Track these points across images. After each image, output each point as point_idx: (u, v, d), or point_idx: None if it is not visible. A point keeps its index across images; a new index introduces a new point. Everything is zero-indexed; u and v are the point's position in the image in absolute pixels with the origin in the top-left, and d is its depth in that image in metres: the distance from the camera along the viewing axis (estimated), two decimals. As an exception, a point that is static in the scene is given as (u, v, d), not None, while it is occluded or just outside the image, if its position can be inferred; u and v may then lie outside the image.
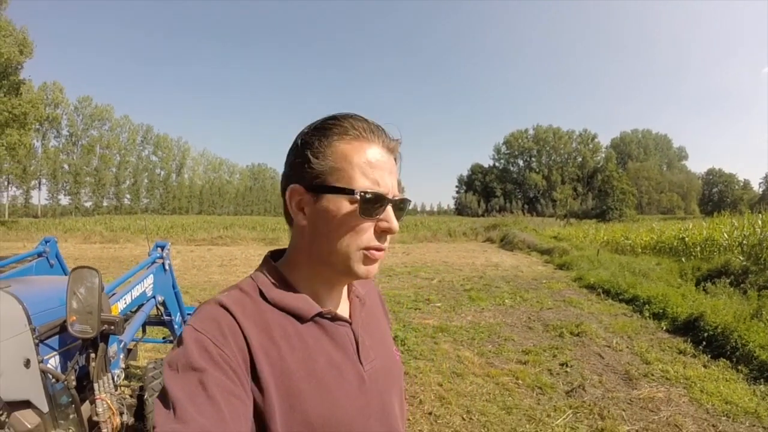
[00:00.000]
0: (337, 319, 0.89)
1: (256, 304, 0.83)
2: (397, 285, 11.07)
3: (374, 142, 0.84)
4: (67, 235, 27.15)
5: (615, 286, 9.37)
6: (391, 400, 0.95)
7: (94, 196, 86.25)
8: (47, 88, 70.87)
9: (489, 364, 5.46)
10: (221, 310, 0.79)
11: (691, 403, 4.40)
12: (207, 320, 0.78)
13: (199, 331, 0.76)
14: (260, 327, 0.80)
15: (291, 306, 0.84)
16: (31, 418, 2.40)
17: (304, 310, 0.85)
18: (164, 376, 0.74)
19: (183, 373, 0.72)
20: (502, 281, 11.30)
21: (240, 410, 0.71)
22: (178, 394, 0.69)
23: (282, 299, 0.84)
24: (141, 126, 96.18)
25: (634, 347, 5.99)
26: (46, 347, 2.55)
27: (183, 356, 0.73)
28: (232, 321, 0.78)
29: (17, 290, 2.51)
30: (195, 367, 0.72)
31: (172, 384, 0.71)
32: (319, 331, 0.86)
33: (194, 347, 0.74)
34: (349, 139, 0.83)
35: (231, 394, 0.71)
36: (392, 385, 0.97)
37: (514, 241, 21.00)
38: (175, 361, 0.74)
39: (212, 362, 0.72)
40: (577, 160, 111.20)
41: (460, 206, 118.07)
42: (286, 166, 0.86)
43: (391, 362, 1.00)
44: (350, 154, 0.82)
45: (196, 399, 0.69)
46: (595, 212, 69.40)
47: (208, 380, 0.70)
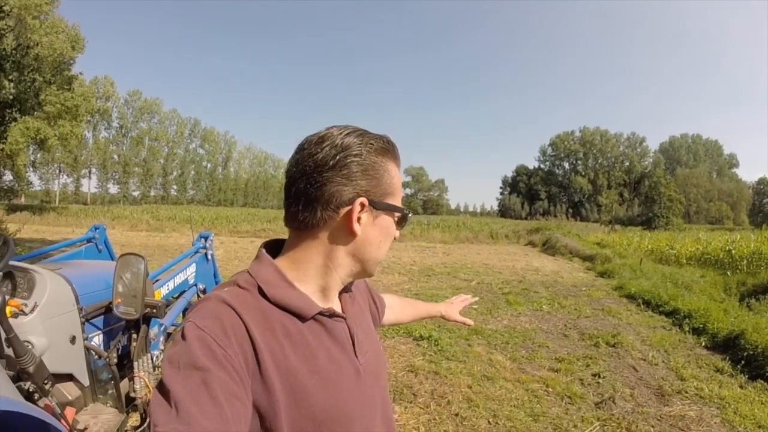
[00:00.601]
0: (334, 315, 0.93)
1: (257, 301, 0.85)
2: (435, 285, 11.04)
3: (399, 166, 0.96)
4: (115, 222, 28.00)
5: (656, 298, 9.13)
6: (382, 389, 1.03)
7: (141, 186, 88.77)
8: (98, 82, 72.99)
9: (520, 370, 5.44)
10: (224, 307, 0.81)
11: (723, 425, 4.27)
12: (210, 318, 0.79)
13: (202, 329, 0.76)
14: (263, 325, 0.82)
15: (292, 305, 0.87)
16: (72, 391, 2.57)
17: (305, 309, 0.88)
18: (164, 372, 0.74)
19: (185, 371, 0.72)
20: (541, 286, 11.17)
21: (241, 412, 0.73)
22: (180, 393, 0.70)
23: (284, 299, 0.87)
24: (189, 119, 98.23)
25: (670, 362, 5.86)
26: (91, 326, 2.74)
27: (186, 354, 0.74)
28: (236, 319, 0.80)
29: (67, 272, 2.67)
30: (198, 366, 0.72)
31: (174, 382, 0.71)
32: (319, 328, 0.90)
33: (197, 345, 0.74)
34: (395, 162, 0.95)
35: (233, 396, 0.72)
36: (381, 375, 1.05)
37: (557, 245, 20.64)
38: (177, 358, 0.74)
39: (216, 362, 0.73)
40: (624, 165, 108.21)
41: (504, 208, 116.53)
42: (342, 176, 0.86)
43: (380, 353, 1.08)
44: (396, 177, 0.94)
45: (199, 399, 0.69)
46: (641, 219, 67.66)
47: (212, 380, 0.71)
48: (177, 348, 0.76)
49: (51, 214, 32.64)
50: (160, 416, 0.68)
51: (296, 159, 0.90)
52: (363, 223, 0.89)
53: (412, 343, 6.30)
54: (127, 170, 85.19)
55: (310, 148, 0.88)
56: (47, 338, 2.33)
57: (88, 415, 2.60)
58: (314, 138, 0.89)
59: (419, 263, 15.25)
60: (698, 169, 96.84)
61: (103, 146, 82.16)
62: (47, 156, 56.17)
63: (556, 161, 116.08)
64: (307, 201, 0.87)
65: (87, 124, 56.75)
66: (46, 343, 2.31)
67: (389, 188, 0.92)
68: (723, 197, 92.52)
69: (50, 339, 2.35)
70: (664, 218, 61.23)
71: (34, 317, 2.30)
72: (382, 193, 0.91)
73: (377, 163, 0.89)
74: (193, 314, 0.80)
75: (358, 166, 0.87)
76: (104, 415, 2.63)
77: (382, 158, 0.91)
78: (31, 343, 2.23)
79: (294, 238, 0.93)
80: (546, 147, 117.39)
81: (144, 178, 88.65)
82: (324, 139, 0.88)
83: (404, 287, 10.64)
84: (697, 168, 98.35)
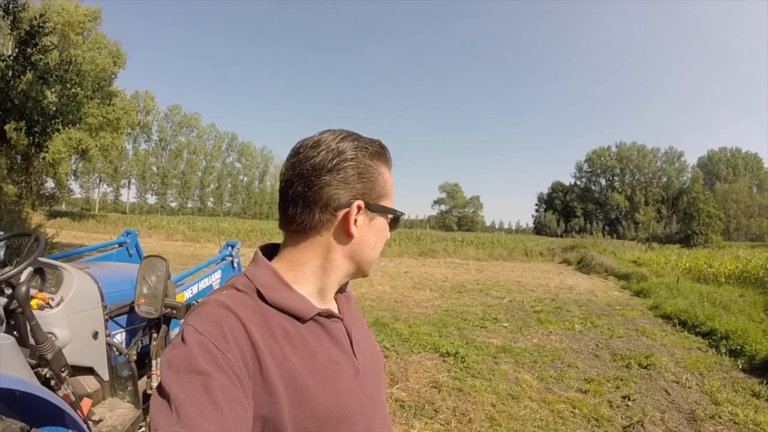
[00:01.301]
0: (332, 316, 0.94)
1: (256, 304, 0.86)
2: (466, 302, 10.95)
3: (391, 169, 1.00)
4: (152, 231, 28.76)
5: (692, 318, 8.84)
6: (380, 388, 1.04)
7: (179, 197, 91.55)
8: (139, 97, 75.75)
9: (547, 390, 5.31)
10: (224, 310, 0.81)
11: None
12: (209, 322, 0.78)
13: (202, 333, 0.76)
14: (263, 328, 0.82)
15: (291, 307, 0.87)
16: (91, 384, 2.69)
17: (303, 311, 0.88)
18: (163, 375, 0.73)
19: (186, 375, 0.71)
20: (574, 305, 10.94)
21: (242, 416, 0.72)
22: (180, 397, 0.69)
23: (282, 301, 0.87)
24: (227, 134, 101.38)
25: (705, 385, 5.64)
26: (114, 324, 2.87)
27: (186, 358, 0.73)
28: (235, 322, 0.79)
29: (95, 272, 2.81)
30: (199, 370, 0.71)
31: (174, 386, 0.70)
32: (317, 329, 0.90)
33: (197, 349, 0.74)
34: (387, 166, 0.97)
35: (234, 400, 0.71)
36: (378, 375, 1.05)
37: (592, 263, 20.26)
38: (177, 362, 0.73)
39: (216, 366, 0.73)
40: (661, 180, 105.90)
41: (539, 225, 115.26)
42: (340, 180, 0.88)
43: (376, 354, 1.08)
44: (390, 180, 0.97)
45: (200, 404, 0.68)
46: (679, 237, 65.94)
47: (213, 385, 0.70)
48: (176, 351, 0.75)
49: (90, 221, 33.80)
50: (161, 420, 0.68)
51: (292, 163, 0.91)
52: (359, 225, 0.91)
53: (438, 359, 6.23)
54: (165, 182, 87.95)
55: (306, 152, 0.89)
56: (70, 331, 2.45)
57: (105, 408, 2.72)
58: (309, 142, 0.91)
59: (451, 279, 15.17)
60: (738, 184, 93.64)
61: (143, 158, 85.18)
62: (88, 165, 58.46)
63: (592, 177, 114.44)
64: (305, 204, 0.88)
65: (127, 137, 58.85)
66: (68, 336, 2.43)
67: (383, 191, 0.95)
68: (764, 213, 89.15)
69: (73, 332, 2.47)
70: (702, 235, 59.64)
71: (59, 311, 2.43)
72: (377, 195, 0.93)
73: (372, 166, 0.92)
74: (192, 318, 0.81)
75: (354, 170, 0.89)
76: (120, 410, 2.74)
77: (376, 162, 0.93)
78: (54, 334, 2.36)
79: (290, 241, 0.94)
80: (582, 163, 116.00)
81: (182, 189, 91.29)
82: (319, 144, 0.89)
83: (435, 303, 10.58)
84: (737, 183, 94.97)
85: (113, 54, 37.20)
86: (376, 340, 4.13)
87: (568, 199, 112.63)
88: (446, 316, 9.00)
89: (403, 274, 15.81)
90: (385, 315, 8.85)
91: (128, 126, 42.22)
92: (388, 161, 0.97)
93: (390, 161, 0.98)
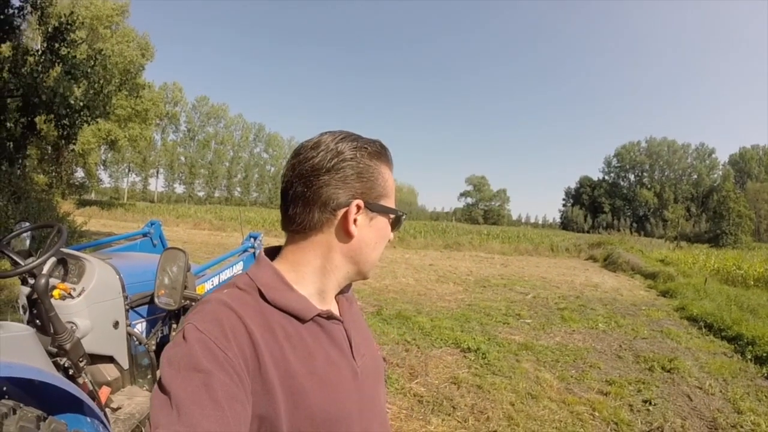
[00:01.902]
0: (332, 318, 0.94)
1: (257, 303, 0.87)
2: (489, 297, 10.91)
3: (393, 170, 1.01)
4: (179, 220, 29.15)
5: (719, 321, 8.66)
6: (379, 392, 1.04)
7: (206, 187, 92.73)
8: (167, 88, 77.21)
9: (568, 390, 5.27)
10: (225, 309, 0.82)
11: None
12: (210, 321, 0.79)
13: (203, 331, 0.77)
14: (263, 327, 0.83)
15: (292, 307, 0.88)
16: (111, 372, 2.77)
17: (303, 311, 0.89)
18: (164, 373, 0.74)
19: (186, 373, 0.72)
20: (598, 303, 10.82)
21: (242, 415, 0.73)
22: (181, 395, 0.69)
23: (283, 300, 0.88)
24: (254, 125, 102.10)
25: (728, 392, 5.51)
26: (135, 314, 2.93)
27: (187, 356, 0.74)
28: (236, 321, 0.80)
29: (116, 262, 2.87)
30: (200, 368, 0.72)
31: (174, 384, 0.71)
32: (317, 330, 0.91)
33: (198, 348, 0.74)
34: (388, 165, 0.98)
35: (234, 398, 0.72)
36: (378, 378, 1.06)
37: (618, 261, 19.97)
38: (177, 360, 0.74)
39: (217, 364, 0.73)
40: (692, 178, 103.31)
41: (566, 220, 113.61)
42: (338, 179, 0.89)
43: (376, 357, 1.08)
44: (390, 179, 0.98)
45: (201, 402, 0.69)
46: (708, 236, 64.52)
47: (213, 383, 0.71)
48: (177, 349, 0.76)
49: (119, 210, 34.41)
50: (161, 418, 0.68)
51: (292, 164, 0.92)
52: (359, 224, 0.92)
53: (459, 354, 6.23)
54: (193, 171, 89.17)
55: (305, 153, 0.91)
56: (91, 321, 2.51)
57: (123, 395, 2.79)
58: (309, 144, 0.92)
59: (475, 273, 15.13)
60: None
61: (171, 148, 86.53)
62: (117, 156, 59.77)
63: (621, 173, 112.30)
64: (305, 204, 0.90)
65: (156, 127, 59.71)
66: (89, 326, 2.50)
67: (383, 190, 0.95)
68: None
69: (94, 322, 2.53)
70: (732, 235, 58.31)
71: (80, 301, 2.49)
72: (377, 195, 0.94)
73: (371, 166, 0.93)
74: (194, 316, 0.81)
75: (353, 170, 0.90)
76: (139, 398, 2.80)
77: (376, 162, 0.94)
78: (75, 323, 2.43)
79: (291, 242, 0.95)
80: (611, 158, 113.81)
81: (209, 179, 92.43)
82: (319, 145, 0.91)
83: (458, 297, 10.58)
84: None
85: (141, 47, 37.98)
86: (398, 333, 4.23)
87: (595, 194, 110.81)
88: (469, 311, 8.99)
89: (427, 267, 15.83)
90: (407, 308, 8.86)
91: (156, 117, 43.15)
92: (389, 161, 0.98)
93: (390, 161, 0.99)
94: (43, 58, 11.67)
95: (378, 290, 10.73)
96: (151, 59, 38.70)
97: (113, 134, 36.59)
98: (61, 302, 2.42)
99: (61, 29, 11.96)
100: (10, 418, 1.61)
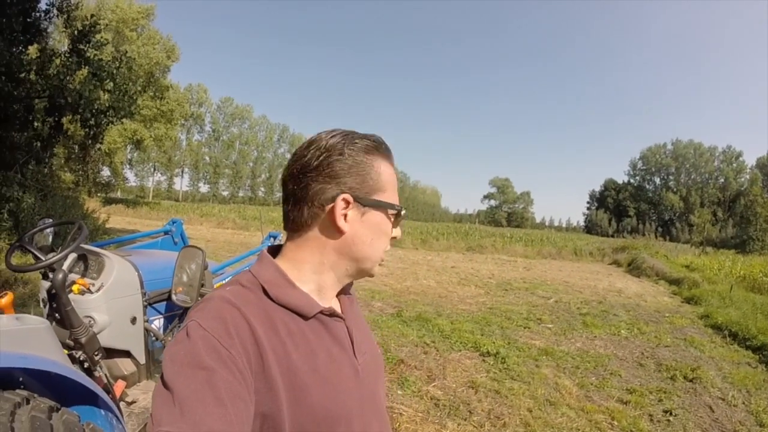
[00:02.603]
0: (334, 315, 0.95)
1: (260, 300, 0.87)
2: (511, 300, 10.85)
3: (393, 163, 0.99)
4: (203, 219, 29.50)
5: (744, 330, 8.47)
6: (379, 390, 1.05)
7: (231, 187, 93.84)
8: (192, 89, 78.82)
9: (587, 398, 5.21)
10: (228, 306, 0.82)
11: None
12: (213, 318, 0.79)
13: (206, 329, 0.77)
14: (266, 324, 0.83)
15: (294, 304, 0.89)
16: (128, 366, 2.81)
17: (306, 308, 0.90)
18: (166, 370, 0.73)
19: (190, 370, 0.72)
20: (621, 309, 10.68)
21: (244, 413, 0.72)
22: (184, 392, 0.69)
23: (286, 297, 0.89)
24: (278, 125, 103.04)
25: (751, 404, 5.37)
26: (153, 310, 2.98)
27: (190, 353, 0.74)
28: (239, 318, 0.80)
29: (136, 259, 2.92)
30: (203, 366, 0.72)
31: (177, 381, 0.71)
32: (319, 328, 0.92)
33: (201, 345, 0.74)
34: (386, 159, 0.96)
35: (237, 396, 0.72)
36: (379, 377, 1.06)
37: (642, 266, 19.68)
38: (180, 357, 0.74)
39: (220, 362, 0.73)
40: (718, 181, 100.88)
41: (590, 224, 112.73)
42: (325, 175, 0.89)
43: (377, 355, 1.09)
44: (386, 173, 0.95)
45: (204, 399, 0.69)
46: (735, 242, 62.99)
47: (216, 380, 0.71)
48: (180, 347, 0.76)
49: (144, 208, 34.85)
50: (164, 415, 0.68)
51: (288, 164, 0.95)
52: (350, 220, 0.91)
53: (478, 358, 6.20)
54: (217, 171, 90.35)
55: (300, 152, 0.93)
56: (109, 316, 2.56)
57: (139, 390, 2.83)
58: (304, 143, 0.94)
59: (497, 276, 15.05)
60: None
61: (196, 148, 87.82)
62: (143, 155, 60.83)
63: (646, 176, 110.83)
64: (295, 201, 0.92)
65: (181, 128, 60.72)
66: (107, 320, 2.55)
67: (377, 185, 0.93)
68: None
69: (112, 317, 2.58)
70: (759, 241, 56.63)
71: (99, 296, 2.54)
72: (369, 189, 0.92)
73: (362, 161, 0.92)
74: (196, 313, 0.81)
75: (342, 165, 0.90)
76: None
77: (367, 156, 0.93)
78: (93, 318, 2.48)
79: (290, 239, 0.97)
80: (636, 160, 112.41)
81: (233, 179, 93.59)
82: (311, 143, 0.92)
83: (479, 300, 10.54)
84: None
85: (167, 48, 38.72)
86: (418, 335, 4.25)
87: (620, 197, 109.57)
88: (490, 314, 8.95)
89: (449, 269, 15.80)
90: (428, 310, 8.85)
91: (181, 117, 43.89)
92: (384, 155, 0.96)
93: (387, 155, 0.97)
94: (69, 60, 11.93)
95: (399, 292, 10.73)
96: (177, 60, 39.38)
97: (139, 134, 37.32)
98: (80, 297, 2.47)
99: (85, 32, 12.22)
100: (23, 407, 1.64)
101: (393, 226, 0.98)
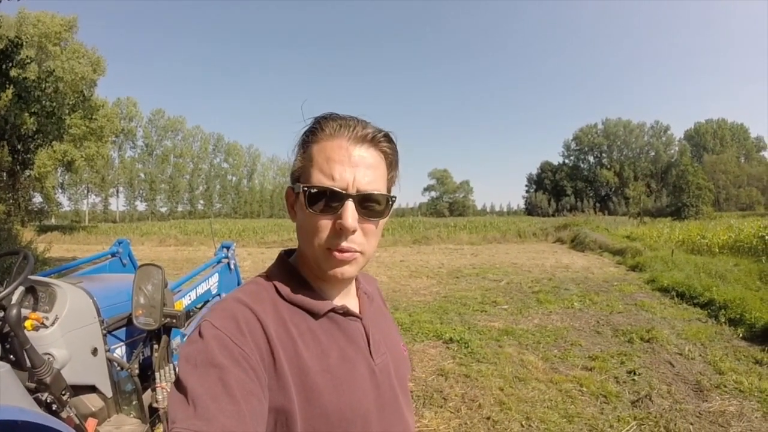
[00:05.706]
0: (349, 314, 0.93)
1: (272, 299, 0.87)
2: (464, 287, 10.96)
3: (341, 137, 0.85)
4: (144, 238, 28.51)
5: (690, 289, 8.89)
6: (400, 392, 0.99)
7: (168, 202, 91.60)
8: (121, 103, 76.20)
9: (553, 370, 5.35)
10: (240, 306, 0.82)
11: (765, 419, 4.09)
12: (225, 317, 0.79)
13: (218, 328, 0.77)
14: (278, 322, 0.83)
15: (305, 302, 0.88)
16: (95, 402, 2.61)
17: (317, 306, 0.89)
18: (181, 370, 0.74)
19: (203, 368, 0.72)
20: (571, 283, 10.99)
21: (258, 410, 0.72)
22: (198, 391, 0.69)
23: (296, 296, 0.89)
24: (212, 135, 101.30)
25: (708, 356, 5.67)
26: (113, 338, 2.78)
27: (203, 352, 0.74)
28: (251, 317, 0.81)
29: (88, 286, 2.71)
30: (216, 363, 0.72)
31: (191, 379, 0.71)
32: (332, 326, 0.90)
33: (214, 344, 0.75)
34: (318, 138, 0.87)
35: (250, 393, 0.72)
36: (401, 379, 1.02)
37: (585, 241, 20.34)
38: (194, 356, 0.74)
39: (233, 360, 0.73)
40: (649, 155, 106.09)
41: (530, 206, 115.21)
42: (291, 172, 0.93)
43: (399, 356, 1.05)
44: (315, 153, 0.86)
45: (218, 397, 0.69)
46: (670, 210, 66.07)
47: (230, 378, 0.71)
48: (194, 346, 0.76)
49: (81, 233, 33.45)
50: (178, 413, 0.68)
51: None
52: (297, 208, 0.90)
53: (442, 346, 6.25)
54: (153, 187, 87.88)
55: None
56: (68, 350, 2.36)
57: (111, 426, 2.65)
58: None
59: (447, 265, 15.18)
60: (725, 155, 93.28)
61: (129, 165, 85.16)
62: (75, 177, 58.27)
63: (580, 155, 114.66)
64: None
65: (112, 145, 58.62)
66: (67, 355, 2.35)
67: (308, 168, 0.86)
68: (753, 182, 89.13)
69: (71, 351, 2.38)
70: (693, 207, 59.76)
71: (55, 330, 2.34)
72: (301, 174, 0.89)
73: (302, 150, 0.90)
74: (210, 314, 0.81)
75: (296, 157, 0.91)
76: (127, 426, 2.67)
77: (306, 140, 0.89)
78: (52, 355, 2.27)
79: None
80: (570, 141, 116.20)
81: (170, 194, 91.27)
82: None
83: (433, 290, 10.61)
84: (725, 153, 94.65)
85: (93, 62, 37.20)
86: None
87: (557, 178, 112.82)
88: (446, 303, 9.04)
89: (398, 263, 15.82)
90: (384, 306, 8.82)
91: (112, 134, 42.13)
92: (316, 134, 0.87)
93: (321, 134, 0.87)
94: (-8, 82, 11.31)
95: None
96: (103, 74, 37.94)
97: (69, 155, 35.46)
98: (34, 333, 2.25)
99: (8, 51, 11.60)
100: None
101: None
